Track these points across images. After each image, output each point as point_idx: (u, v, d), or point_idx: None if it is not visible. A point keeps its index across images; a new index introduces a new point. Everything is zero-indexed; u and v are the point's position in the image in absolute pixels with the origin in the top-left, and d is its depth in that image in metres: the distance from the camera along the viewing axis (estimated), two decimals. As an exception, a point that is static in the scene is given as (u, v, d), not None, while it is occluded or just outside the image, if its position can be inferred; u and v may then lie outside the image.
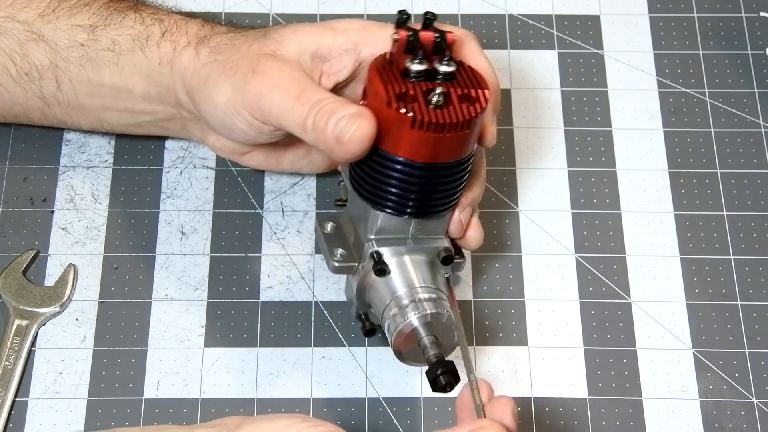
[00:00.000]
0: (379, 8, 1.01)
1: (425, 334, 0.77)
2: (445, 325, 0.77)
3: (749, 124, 0.96)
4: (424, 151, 0.75)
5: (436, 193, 0.78)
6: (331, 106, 0.76)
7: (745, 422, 0.84)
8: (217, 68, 0.81)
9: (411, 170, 0.76)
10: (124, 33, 0.84)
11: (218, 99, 0.80)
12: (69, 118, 0.88)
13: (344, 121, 0.75)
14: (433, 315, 0.77)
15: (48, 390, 0.84)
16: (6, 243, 0.90)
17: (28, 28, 0.84)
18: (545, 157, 0.95)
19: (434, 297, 0.78)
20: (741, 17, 1.01)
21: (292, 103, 0.77)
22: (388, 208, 0.78)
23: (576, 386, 0.85)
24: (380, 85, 0.75)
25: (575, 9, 1.01)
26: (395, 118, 0.74)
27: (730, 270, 0.90)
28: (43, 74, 0.85)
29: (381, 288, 0.79)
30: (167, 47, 0.83)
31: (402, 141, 0.75)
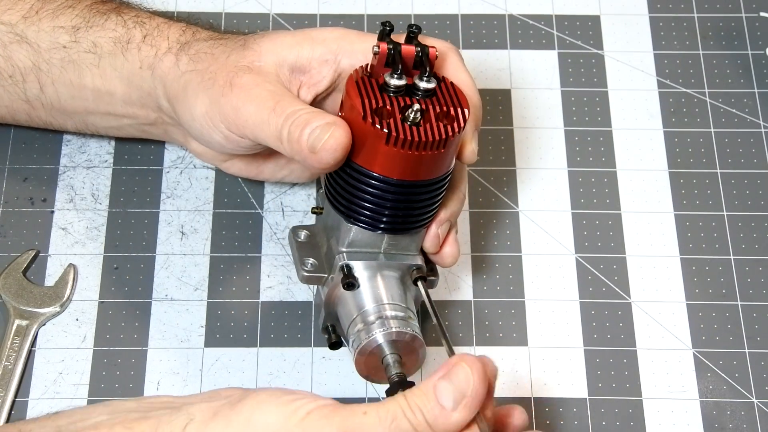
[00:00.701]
0: (379, 8, 1.01)
1: (389, 351, 0.76)
2: (410, 345, 0.76)
3: (749, 124, 0.96)
4: (399, 167, 0.74)
5: (411, 209, 0.77)
6: (305, 117, 0.75)
7: (745, 422, 0.84)
8: (196, 78, 0.80)
9: (385, 186, 0.75)
10: (105, 35, 0.84)
11: (196, 110, 0.80)
12: (54, 120, 0.88)
13: (318, 131, 0.74)
14: (399, 333, 0.76)
15: (48, 390, 0.84)
16: (6, 243, 0.90)
17: (12, 29, 0.84)
18: (545, 157, 0.95)
19: (402, 315, 0.77)
20: (741, 17, 1.01)
21: (268, 115, 0.77)
22: (361, 222, 0.77)
23: (576, 386, 0.85)
24: (357, 98, 0.74)
25: (575, 9, 1.01)
26: (370, 133, 0.73)
27: (730, 270, 0.90)
28: (26, 77, 0.85)
29: (348, 302, 0.78)
30: (148, 51, 0.83)
31: (377, 156, 0.74)
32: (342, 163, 0.75)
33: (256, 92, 0.78)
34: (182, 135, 0.87)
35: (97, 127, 0.88)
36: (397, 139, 0.73)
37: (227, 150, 0.82)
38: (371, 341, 0.76)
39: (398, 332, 0.76)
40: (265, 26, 1.00)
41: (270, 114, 0.77)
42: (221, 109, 0.79)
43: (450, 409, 0.66)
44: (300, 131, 0.75)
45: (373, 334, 0.76)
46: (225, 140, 0.80)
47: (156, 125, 0.87)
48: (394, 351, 0.76)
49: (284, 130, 0.76)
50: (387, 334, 0.76)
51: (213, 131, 0.80)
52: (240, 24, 1.00)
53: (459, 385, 0.67)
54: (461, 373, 0.67)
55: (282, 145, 0.76)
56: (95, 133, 0.90)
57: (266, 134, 0.77)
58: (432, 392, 0.67)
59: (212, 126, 0.80)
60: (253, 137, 0.79)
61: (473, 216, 0.92)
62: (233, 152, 0.83)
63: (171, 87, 0.82)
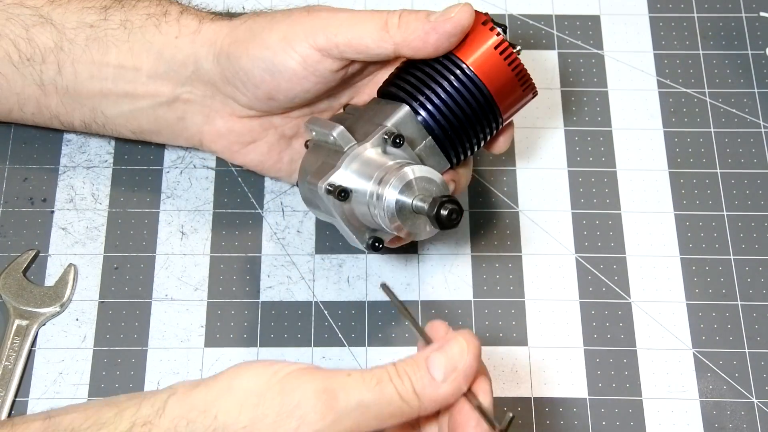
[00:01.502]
0: (378, 7, 1.01)
1: (411, 197, 0.76)
2: (427, 179, 0.77)
3: (749, 124, 0.96)
4: (492, 75, 0.80)
5: (472, 123, 0.80)
6: (410, 10, 0.79)
7: (745, 422, 0.84)
8: (265, 19, 0.82)
9: (470, 84, 0.79)
10: (138, 12, 0.85)
11: (270, 39, 0.80)
12: (63, 110, 0.87)
13: (439, 12, 0.79)
14: (410, 172, 0.76)
15: (48, 390, 0.84)
16: (6, 243, 0.90)
17: (36, 12, 0.85)
18: (545, 157, 0.95)
19: (405, 162, 0.78)
20: (741, 17, 1.01)
21: (368, 13, 0.80)
22: (425, 110, 0.80)
23: (576, 386, 0.86)
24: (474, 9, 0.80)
25: (575, 9, 1.01)
26: (485, 36, 0.80)
27: (730, 270, 0.90)
28: (45, 57, 0.85)
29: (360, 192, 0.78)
30: (190, 20, 0.84)
31: (480, 58, 0.79)
32: (462, 37, 0.79)
33: (342, 9, 0.81)
34: (203, 114, 0.86)
35: (106, 115, 0.87)
36: (505, 49, 0.80)
37: (291, 86, 0.82)
38: (389, 203, 0.76)
39: (403, 174, 0.76)
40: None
41: (369, 12, 0.80)
42: (306, 26, 0.80)
43: (439, 381, 0.67)
44: (416, 14, 0.79)
45: (385, 196, 0.76)
46: (301, 64, 0.80)
47: (173, 106, 0.86)
48: (413, 194, 0.76)
49: (393, 17, 0.79)
50: (397, 184, 0.76)
51: (289, 55, 0.80)
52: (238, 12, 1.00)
53: (452, 358, 0.67)
54: (455, 347, 0.67)
55: (388, 32, 0.79)
56: (102, 126, 0.88)
57: (368, 28, 0.79)
58: (423, 362, 0.67)
59: (291, 49, 0.80)
60: (346, 39, 0.79)
61: (473, 216, 0.92)
62: (296, 90, 0.82)
63: (227, 38, 0.82)
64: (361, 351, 0.86)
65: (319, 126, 0.81)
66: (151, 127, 0.88)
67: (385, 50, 0.79)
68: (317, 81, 0.81)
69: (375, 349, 0.87)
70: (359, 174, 0.78)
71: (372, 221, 0.78)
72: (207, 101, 0.85)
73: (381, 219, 0.77)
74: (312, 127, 0.82)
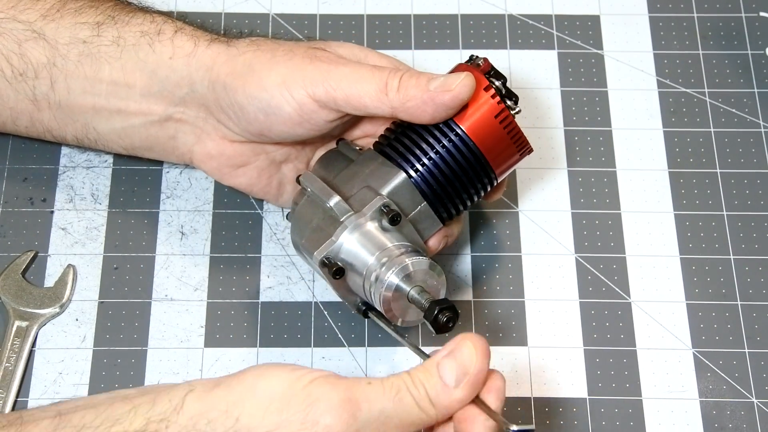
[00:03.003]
0: (378, 8, 1.01)
1: (409, 286, 0.77)
2: (426, 272, 0.77)
3: (749, 124, 0.96)
4: (489, 142, 0.80)
5: (465, 185, 0.81)
6: (414, 71, 0.79)
7: (745, 422, 0.84)
8: (264, 55, 0.81)
9: (467, 151, 0.79)
10: (131, 29, 0.84)
11: (269, 80, 0.80)
12: (56, 124, 0.87)
13: (441, 79, 0.78)
14: (411, 265, 0.77)
15: (48, 390, 0.84)
16: (6, 243, 0.90)
17: (29, 27, 0.84)
18: (545, 157, 0.95)
19: (408, 248, 0.78)
20: (741, 17, 1.01)
21: (369, 71, 0.79)
22: (419, 173, 0.80)
23: (576, 386, 0.85)
24: (476, 71, 0.80)
25: (575, 9, 1.01)
26: (484, 103, 0.79)
27: (730, 270, 0.90)
28: (38, 73, 0.84)
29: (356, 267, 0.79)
30: (185, 41, 0.83)
31: (479, 125, 0.79)
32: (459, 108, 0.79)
33: (344, 62, 0.80)
34: (194, 134, 0.85)
35: (98, 131, 0.87)
36: (505, 117, 0.80)
37: (284, 129, 0.81)
38: (388, 286, 0.77)
39: (409, 264, 0.77)
40: (264, 27, 1.00)
41: (371, 70, 0.79)
42: (307, 75, 0.79)
43: (452, 387, 0.67)
44: (417, 78, 0.78)
45: (387, 277, 0.77)
46: (297, 111, 0.80)
47: (165, 125, 0.85)
48: (413, 284, 0.77)
49: (393, 79, 0.78)
50: (399, 271, 0.77)
51: (287, 99, 0.80)
52: (240, 24, 1.00)
53: (462, 363, 0.67)
54: (465, 351, 0.68)
55: (387, 95, 0.78)
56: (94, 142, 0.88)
57: (366, 88, 0.78)
58: (435, 369, 0.67)
59: (288, 95, 0.80)
60: (345, 95, 0.79)
61: (473, 216, 0.92)
62: (289, 133, 0.82)
63: (224, 67, 0.81)
64: (361, 351, 0.86)
65: (315, 188, 0.81)
66: (142, 144, 0.87)
67: (382, 111, 0.79)
68: (311, 128, 0.81)
69: (375, 349, 0.87)
70: (356, 248, 0.79)
71: (363, 294, 0.79)
72: (199, 123, 0.85)
73: (374, 297, 0.78)
74: (307, 185, 0.82)
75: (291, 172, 0.87)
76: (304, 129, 0.81)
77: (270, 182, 0.87)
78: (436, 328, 0.75)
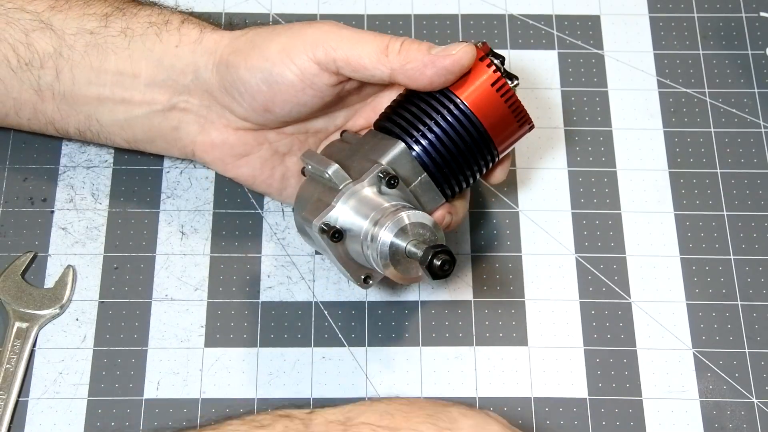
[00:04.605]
0: (379, 8, 1.01)
1: (405, 241, 0.77)
2: (422, 225, 0.77)
3: (749, 124, 0.96)
4: (489, 112, 0.79)
5: (467, 158, 0.80)
6: (413, 40, 0.80)
7: (745, 422, 0.84)
8: (266, 30, 0.82)
9: (466, 121, 0.79)
10: (139, 20, 0.85)
11: (270, 50, 0.80)
12: (59, 116, 0.87)
13: (442, 47, 0.79)
14: (406, 217, 0.77)
15: (48, 390, 0.84)
16: (6, 243, 0.90)
17: (37, 17, 0.85)
18: (545, 157, 0.95)
19: (404, 205, 0.78)
20: (741, 17, 1.01)
21: (370, 34, 0.80)
22: (420, 146, 0.80)
23: (576, 386, 0.86)
24: (473, 46, 0.80)
25: (575, 9, 1.01)
26: (482, 73, 0.80)
27: (730, 270, 0.90)
28: (44, 63, 0.85)
29: (353, 231, 0.78)
30: (191, 29, 0.84)
31: (477, 95, 0.80)
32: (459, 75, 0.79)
33: (345, 26, 0.81)
34: (198, 123, 0.86)
35: (101, 123, 0.87)
36: (502, 86, 0.80)
37: (287, 98, 0.82)
38: (383, 245, 0.76)
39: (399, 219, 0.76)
40: (265, 26, 1.00)
41: (372, 33, 0.80)
42: (306, 38, 0.80)
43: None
44: (418, 45, 0.79)
45: (380, 237, 0.77)
46: (299, 76, 0.80)
47: (168, 115, 0.85)
48: (408, 239, 0.76)
49: (394, 42, 0.79)
50: (392, 227, 0.76)
51: (288, 65, 0.80)
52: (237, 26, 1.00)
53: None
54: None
55: (388, 56, 0.79)
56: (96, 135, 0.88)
57: (366, 49, 0.79)
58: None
59: (289, 59, 0.80)
60: (345, 56, 0.79)
61: (473, 216, 0.92)
62: (293, 102, 0.82)
63: (227, 48, 0.82)
64: (361, 351, 0.86)
65: (314, 161, 0.81)
66: (145, 136, 0.87)
67: (381, 73, 0.79)
68: (314, 94, 0.81)
69: (375, 349, 0.87)
70: (354, 213, 0.78)
71: (364, 261, 0.79)
72: (203, 111, 0.85)
73: (373, 260, 0.77)
74: (307, 161, 0.82)
75: (294, 165, 0.87)
76: (307, 96, 0.81)
77: (273, 174, 0.87)
78: (432, 274, 0.74)
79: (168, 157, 0.93)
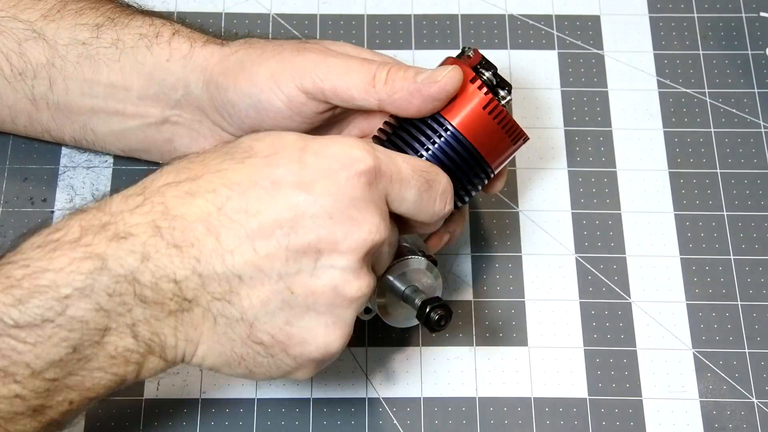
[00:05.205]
0: (379, 8, 1.01)
1: (404, 286, 0.77)
2: (419, 271, 0.77)
3: (749, 124, 0.96)
4: (480, 134, 0.79)
5: (462, 180, 0.80)
6: (404, 65, 0.80)
7: (745, 422, 0.84)
8: (255, 52, 0.81)
9: (457, 145, 0.79)
10: (130, 32, 0.84)
11: (258, 75, 0.80)
12: (54, 125, 0.87)
13: (428, 72, 0.78)
14: (407, 263, 0.77)
15: (48, 390, 0.84)
16: (6, 243, 0.89)
17: (30, 27, 0.84)
18: (545, 157, 0.95)
19: (404, 247, 0.78)
20: (741, 17, 1.01)
21: (358, 63, 0.79)
22: None
23: (576, 386, 0.86)
24: (464, 65, 0.79)
25: (575, 9, 1.01)
26: (471, 95, 0.79)
27: (730, 270, 0.90)
28: (37, 73, 0.85)
29: None
30: (182, 43, 0.83)
31: (468, 118, 0.79)
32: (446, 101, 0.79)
33: (333, 54, 0.80)
34: (189, 136, 0.86)
35: (96, 133, 0.87)
36: (494, 108, 0.79)
37: (276, 123, 0.81)
38: (383, 282, 0.76)
39: (400, 263, 0.76)
40: (265, 27, 1.00)
41: (359, 62, 0.80)
42: (295, 67, 0.80)
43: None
44: (405, 71, 0.79)
45: None
46: (286, 104, 0.80)
47: (161, 127, 0.86)
48: (406, 284, 0.77)
49: (381, 71, 0.79)
50: (393, 270, 0.76)
51: (276, 94, 0.80)
52: (240, 24, 1.00)
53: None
54: None
55: (375, 87, 0.79)
56: (91, 143, 0.88)
57: (354, 80, 0.79)
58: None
59: (277, 88, 0.80)
60: (332, 87, 0.79)
61: (473, 216, 0.92)
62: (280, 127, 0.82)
63: (217, 67, 0.82)
64: (361, 351, 0.86)
65: None
66: (139, 146, 0.88)
67: (369, 104, 0.79)
68: (302, 121, 0.81)
69: (375, 349, 0.86)
70: None
71: None
72: (195, 125, 0.85)
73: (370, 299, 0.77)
74: None
75: None
76: (295, 123, 0.81)
77: None
78: (429, 327, 0.75)
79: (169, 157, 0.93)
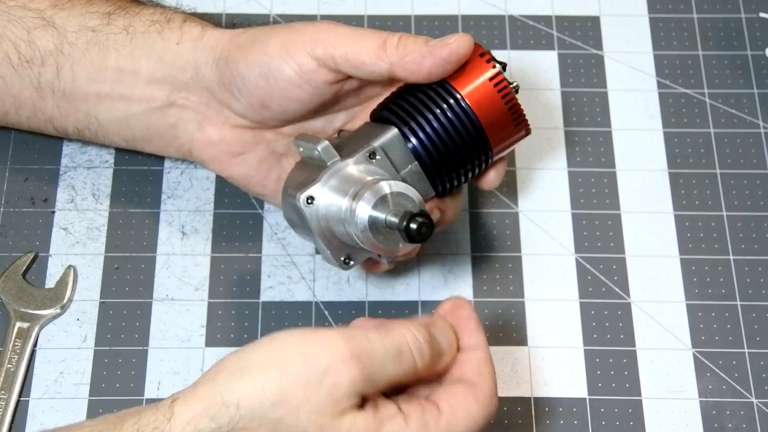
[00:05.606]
0: (379, 9, 1.01)
1: (385, 212, 0.76)
2: (403, 195, 0.76)
3: (749, 124, 0.96)
4: (485, 108, 0.79)
5: (461, 154, 0.80)
6: (410, 35, 0.80)
7: (745, 422, 0.84)
8: (267, 27, 0.83)
9: (461, 113, 0.79)
10: (142, 18, 0.85)
11: (269, 45, 0.81)
12: (58, 113, 0.87)
13: (437, 39, 0.79)
14: (386, 186, 0.76)
15: (49, 390, 0.85)
16: (7, 243, 0.90)
17: (39, 15, 0.85)
18: (545, 157, 0.95)
19: (384, 176, 0.78)
20: (740, 18, 1.01)
21: (368, 30, 0.80)
22: (415, 136, 0.80)
23: (576, 386, 0.86)
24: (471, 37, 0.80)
25: (575, 9, 1.02)
26: (481, 68, 0.79)
27: (730, 270, 0.90)
28: (45, 60, 0.85)
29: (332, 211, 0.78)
30: (193, 27, 0.84)
31: (474, 89, 0.79)
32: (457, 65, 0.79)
33: (343, 25, 0.81)
34: (196, 120, 0.85)
35: (99, 121, 0.87)
36: (501, 83, 0.79)
37: (286, 95, 0.82)
38: (361, 220, 0.76)
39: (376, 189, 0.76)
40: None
41: (370, 30, 0.80)
42: (306, 35, 0.80)
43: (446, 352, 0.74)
44: (415, 39, 0.79)
45: (357, 212, 0.76)
46: (297, 72, 0.80)
47: (167, 111, 0.85)
48: (387, 210, 0.76)
49: (392, 38, 0.79)
50: (370, 199, 0.76)
51: (287, 61, 0.80)
52: (240, 25, 1.00)
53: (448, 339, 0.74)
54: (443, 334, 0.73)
55: (385, 51, 0.79)
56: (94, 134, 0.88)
57: (364, 45, 0.79)
58: None
59: (289, 55, 0.80)
60: (343, 53, 0.79)
61: (473, 216, 0.92)
62: (290, 99, 0.82)
63: (229, 44, 0.83)
64: (362, 351, 0.86)
65: (305, 140, 0.81)
66: (143, 134, 0.87)
67: (380, 68, 0.79)
68: (312, 91, 0.81)
69: (375, 349, 0.87)
70: (338, 189, 0.78)
71: (349, 239, 0.78)
72: (201, 108, 0.85)
73: (354, 235, 0.77)
74: (299, 143, 0.82)
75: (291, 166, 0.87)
76: (305, 92, 0.81)
77: (268, 175, 0.87)
78: (409, 237, 0.74)
79: (168, 158, 0.93)
